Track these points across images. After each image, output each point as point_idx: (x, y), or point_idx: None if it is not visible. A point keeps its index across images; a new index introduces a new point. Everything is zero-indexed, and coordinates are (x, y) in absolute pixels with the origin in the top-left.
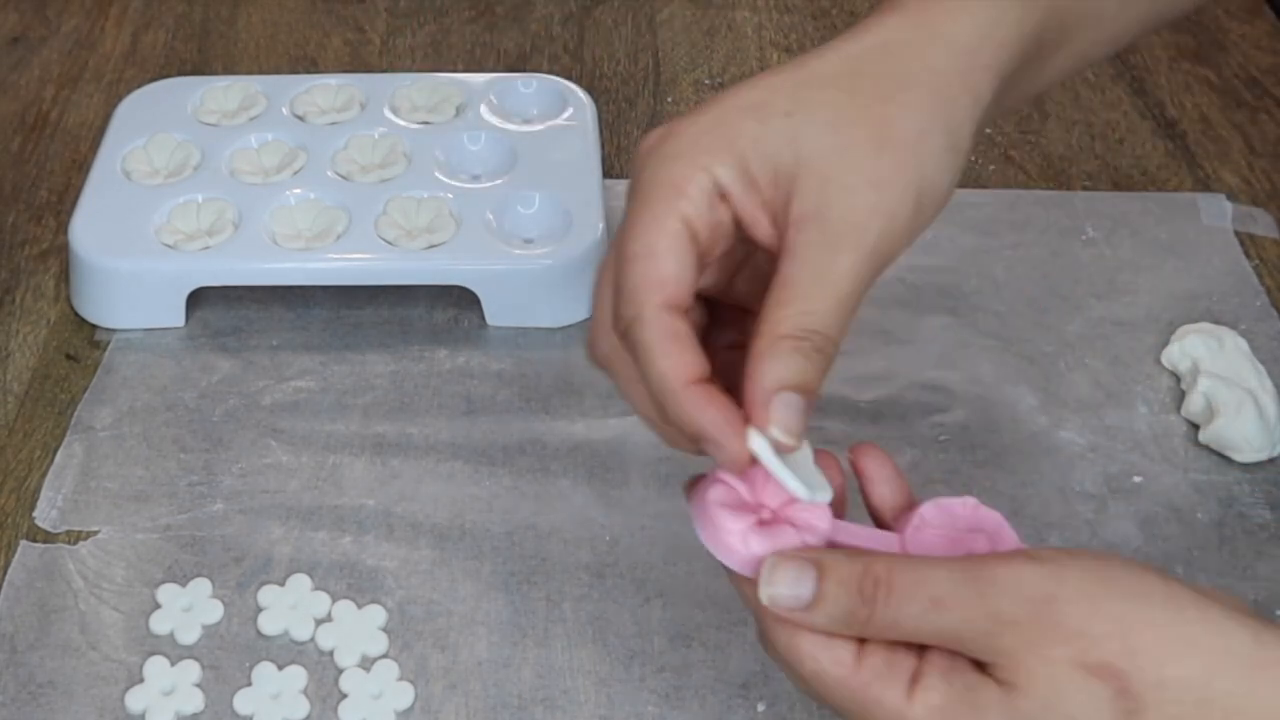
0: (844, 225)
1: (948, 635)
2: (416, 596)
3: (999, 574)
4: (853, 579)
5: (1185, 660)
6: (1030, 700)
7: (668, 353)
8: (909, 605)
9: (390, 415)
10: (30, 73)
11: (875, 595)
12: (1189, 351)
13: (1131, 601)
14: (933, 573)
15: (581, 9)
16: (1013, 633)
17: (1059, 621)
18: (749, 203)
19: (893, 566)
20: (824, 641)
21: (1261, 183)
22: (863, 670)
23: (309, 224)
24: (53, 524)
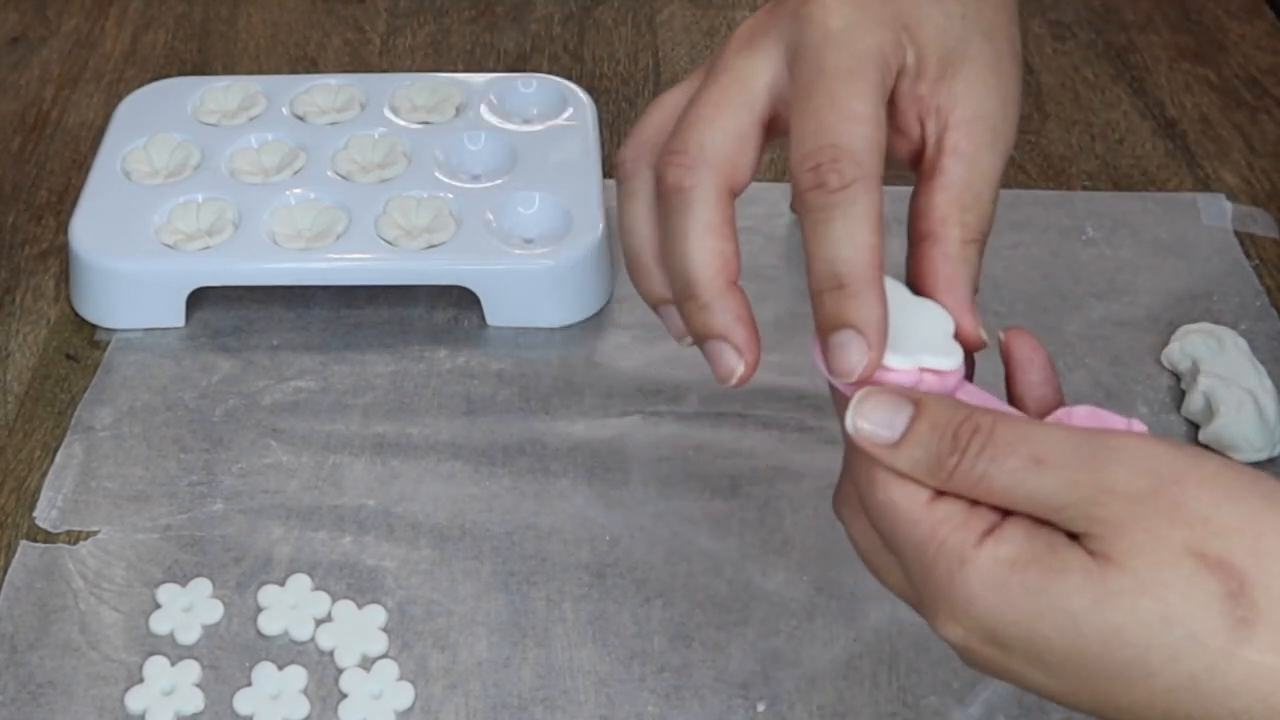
0: (1001, 132)
1: (1043, 500)
2: (416, 596)
3: (1127, 445)
4: (950, 423)
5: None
6: (1123, 576)
7: (877, 230)
8: (1006, 459)
9: (390, 415)
10: (30, 73)
11: (970, 443)
12: (1189, 351)
13: (1275, 507)
14: (1043, 432)
15: (581, 9)
16: (1122, 503)
17: (1182, 502)
18: (910, 91)
19: (999, 420)
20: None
21: (1261, 183)
22: (936, 509)
23: (309, 224)
24: (53, 524)
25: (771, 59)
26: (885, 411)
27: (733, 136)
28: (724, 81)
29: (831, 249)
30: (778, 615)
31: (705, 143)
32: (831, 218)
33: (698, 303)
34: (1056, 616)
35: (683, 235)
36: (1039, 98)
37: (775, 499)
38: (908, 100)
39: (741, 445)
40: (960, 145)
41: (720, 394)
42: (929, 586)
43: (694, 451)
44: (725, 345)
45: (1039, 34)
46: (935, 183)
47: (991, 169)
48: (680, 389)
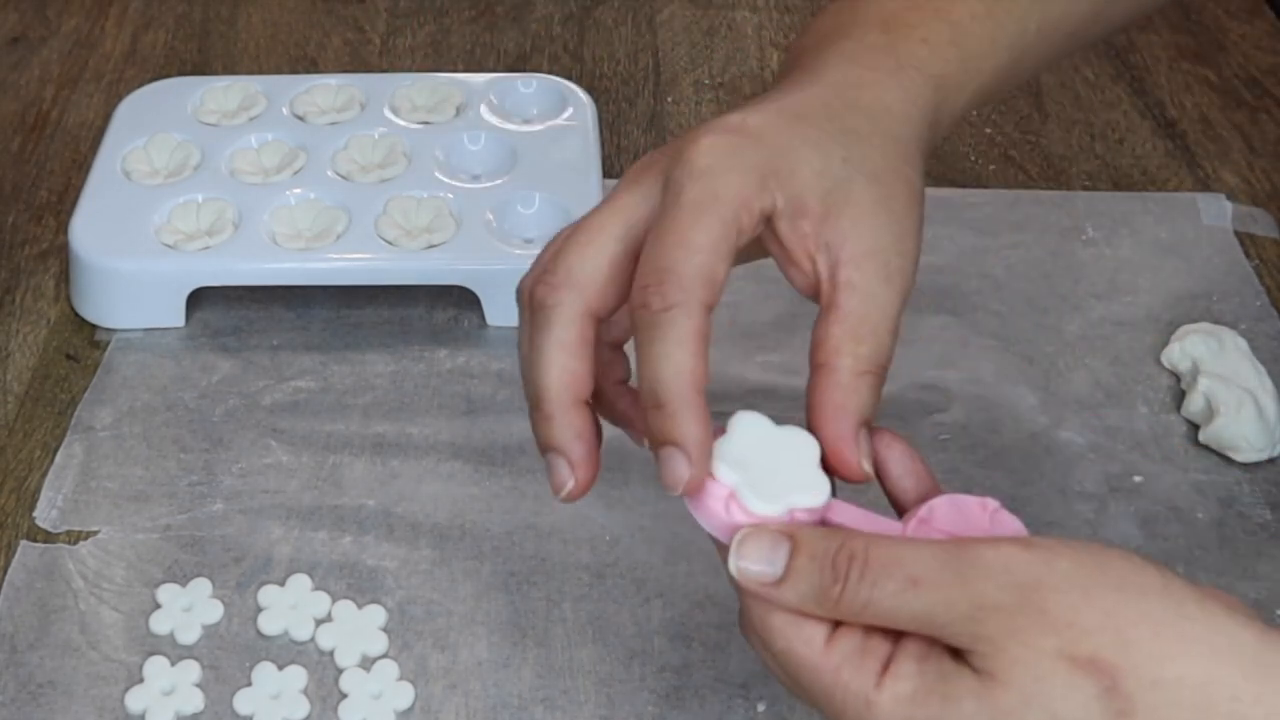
0: (895, 267)
1: (925, 618)
2: (416, 596)
3: (985, 556)
4: (826, 555)
5: (1184, 660)
6: (1009, 693)
7: (696, 352)
8: (885, 583)
9: (390, 415)
10: (30, 73)
11: (849, 571)
12: (1189, 351)
13: (1127, 594)
14: (913, 552)
15: (581, 9)
16: (995, 619)
17: (1046, 609)
18: (793, 230)
19: (871, 544)
20: (796, 620)
21: (1261, 183)
22: (833, 653)
23: (309, 224)
24: (53, 524)
25: (649, 194)
26: (765, 550)
27: (601, 263)
28: (603, 212)
29: (651, 369)
30: None
31: (574, 266)
32: (652, 338)
33: (542, 414)
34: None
35: (539, 349)
36: (1039, 98)
37: None
38: (794, 239)
39: None
40: (853, 279)
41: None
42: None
43: None
44: (560, 459)
45: None
46: (830, 316)
47: (888, 303)
48: None
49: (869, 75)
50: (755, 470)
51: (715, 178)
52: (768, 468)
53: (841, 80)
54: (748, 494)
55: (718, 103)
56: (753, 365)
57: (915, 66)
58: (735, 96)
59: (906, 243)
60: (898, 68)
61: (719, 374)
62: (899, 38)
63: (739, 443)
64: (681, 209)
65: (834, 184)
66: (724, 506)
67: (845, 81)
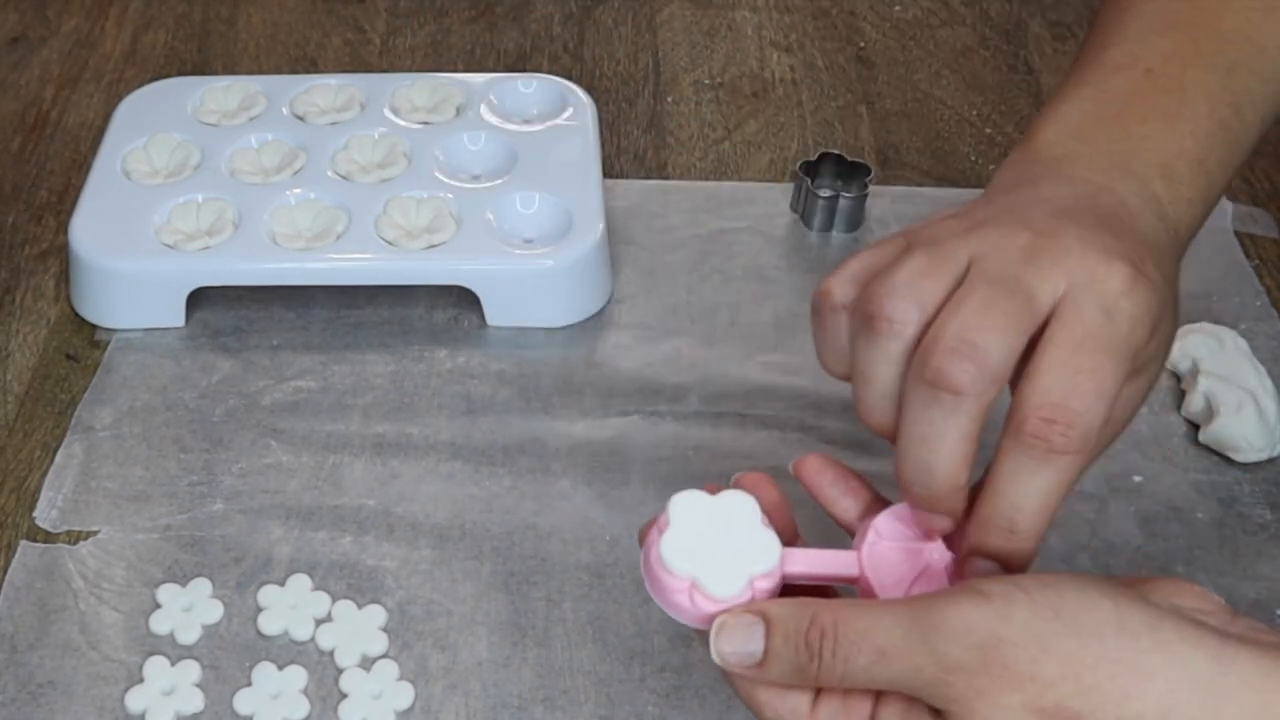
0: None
1: (899, 685)
2: (416, 596)
3: (945, 617)
4: (798, 633)
5: (1143, 695)
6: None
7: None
8: (856, 658)
9: (390, 415)
10: (30, 73)
11: (821, 649)
12: (1189, 351)
13: (1082, 636)
14: (878, 621)
15: (581, 9)
16: (962, 680)
17: (1007, 665)
18: None
19: (838, 617)
20: (780, 692)
21: (1261, 183)
22: (818, 718)
23: (309, 224)
24: (53, 524)
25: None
26: (741, 638)
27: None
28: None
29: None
30: None
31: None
32: (1035, 474)
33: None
34: None
35: (946, 435)
36: (1039, 98)
37: None
38: None
39: (741, 445)
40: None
41: (720, 394)
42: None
43: (694, 451)
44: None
45: (1039, 34)
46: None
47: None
48: (680, 389)
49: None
50: (707, 553)
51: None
52: (718, 547)
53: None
54: (708, 582)
55: (718, 103)
56: (753, 365)
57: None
58: (735, 96)
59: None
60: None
61: (719, 374)
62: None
63: (683, 530)
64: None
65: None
66: (689, 599)
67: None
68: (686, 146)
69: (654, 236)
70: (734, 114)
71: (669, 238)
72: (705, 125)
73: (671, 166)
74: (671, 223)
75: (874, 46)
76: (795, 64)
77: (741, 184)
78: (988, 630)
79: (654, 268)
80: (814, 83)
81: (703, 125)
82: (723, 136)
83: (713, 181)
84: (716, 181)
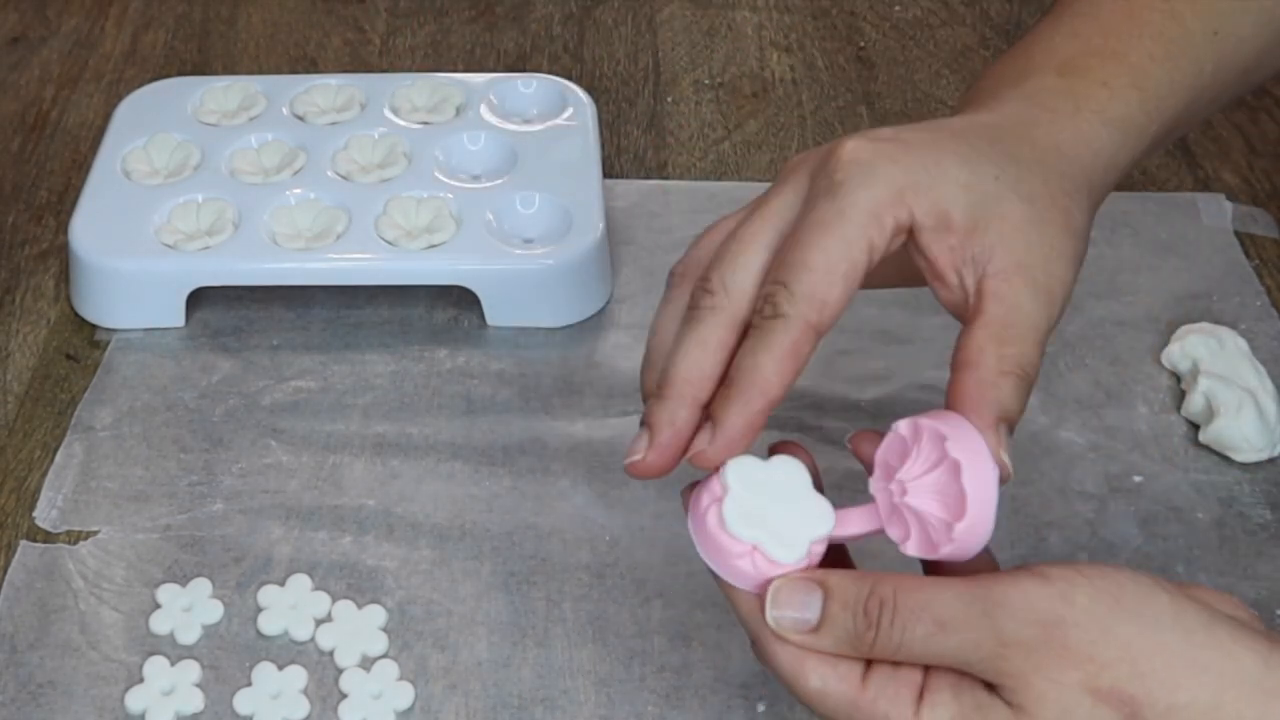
0: (1043, 285)
1: (954, 658)
2: (416, 596)
3: (1007, 595)
4: (858, 602)
5: (1194, 686)
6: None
7: (780, 364)
8: (914, 628)
9: (390, 415)
10: (30, 73)
11: (880, 618)
12: (1189, 351)
13: (1141, 624)
14: (939, 594)
15: (581, 9)
16: (1021, 655)
17: (1067, 644)
18: (937, 243)
19: (898, 587)
20: (830, 659)
21: (1261, 183)
22: (868, 688)
23: (309, 224)
24: (53, 524)
25: (795, 198)
26: (799, 603)
27: (752, 274)
28: (755, 220)
29: (738, 358)
30: None
31: (727, 277)
32: (753, 338)
33: (660, 394)
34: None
35: (681, 340)
36: None
37: None
38: (939, 253)
39: None
40: (999, 291)
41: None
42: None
43: None
44: (645, 433)
45: None
46: (975, 323)
47: (1035, 315)
48: None
49: (1044, 115)
50: (767, 518)
51: (846, 193)
52: (775, 510)
53: (1015, 114)
54: (771, 546)
55: (717, 103)
56: None
57: (1094, 110)
58: (735, 96)
59: (1056, 266)
60: (1075, 110)
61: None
62: (1077, 81)
63: (741, 495)
64: (808, 227)
65: (982, 198)
66: (750, 563)
67: (1018, 115)
68: (686, 146)
69: (654, 236)
70: (734, 114)
71: (669, 238)
72: (705, 125)
73: (671, 166)
74: (671, 223)
75: (874, 46)
76: (795, 64)
77: (741, 184)
78: (1050, 609)
79: (654, 268)
80: (814, 83)
81: (703, 125)
82: (723, 136)
83: (713, 181)
84: (716, 181)
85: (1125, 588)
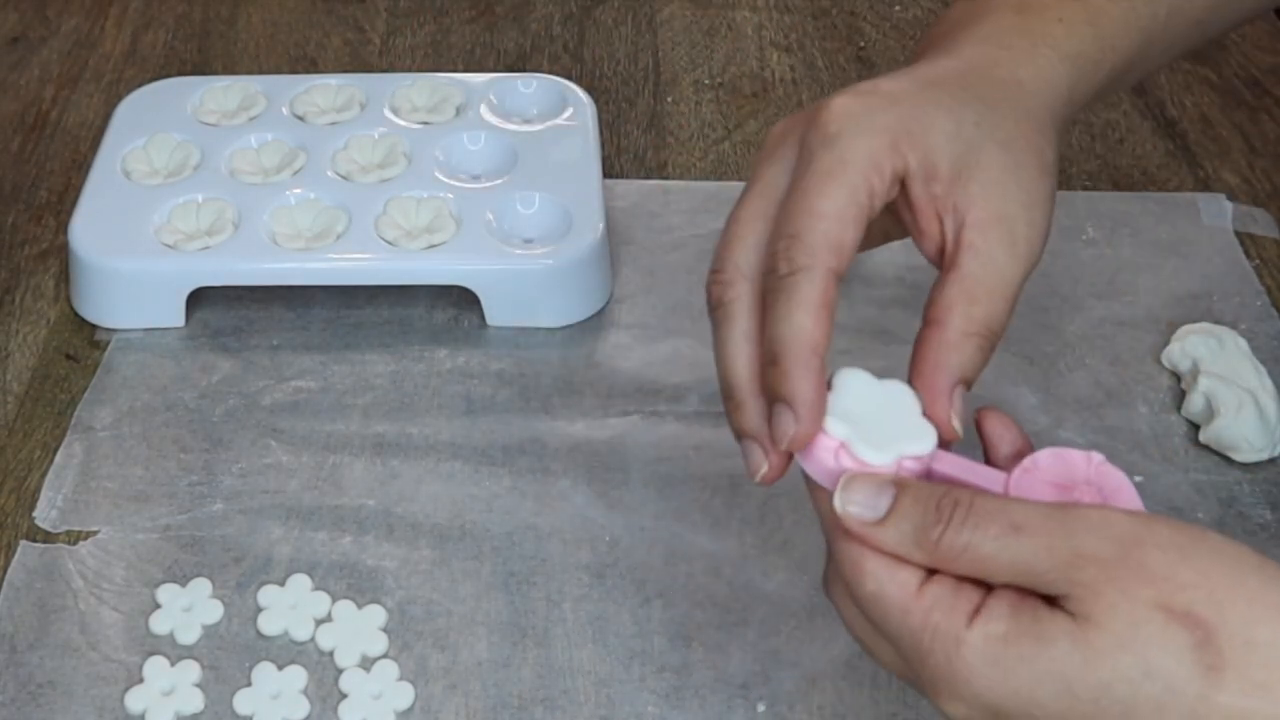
0: (1021, 235)
1: (1024, 565)
2: (416, 596)
3: (1088, 514)
4: (931, 498)
5: (1273, 625)
6: (1104, 635)
7: (817, 316)
8: (987, 527)
9: (390, 415)
10: (30, 73)
11: (952, 514)
12: (1189, 351)
13: (1223, 561)
14: (1018, 504)
15: (581, 9)
16: (1095, 567)
17: (1145, 563)
18: (924, 191)
19: (975, 494)
20: (890, 562)
21: (1261, 183)
22: (924, 596)
23: (309, 224)
24: (53, 524)
25: (787, 165)
26: (869, 493)
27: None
28: (749, 197)
29: (772, 330)
30: (778, 615)
31: (737, 260)
32: (776, 301)
33: (733, 402)
34: (1051, 681)
35: (721, 344)
36: None
37: (775, 499)
38: (923, 201)
39: None
40: (975, 242)
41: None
42: (928, 669)
43: (694, 451)
44: (753, 444)
45: None
46: (948, 276)
47: (1008, 269)
48: (680, 389)
49: (1003, 53)
50: (863, 422)
51: (845, 143)
52: (875, 420)
53: (975, 56)
54: (859, 444)
55: (718, 103)
56: None
57: (1050, 45)
58: (735, 96)
59: (1034, 212)
60: (1032, 46)
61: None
62: (1034, 19)
63: (845, 396)
64: (811, 177)
65: (965, 148)
66: (834, 457)
67: (979, 57)
68: (686, 146)
69: (654, 236)
70: (734, 114)
71: (669, 238)
72: (705, 125)
73: (671, 166)
74: (671, 223)
75: (874, 46)
76: (795, 64)
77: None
78: (1130, 530)
79: (654, 268)
80: (814, 83)
81: (703, 125)
82: (723, 136)
83: (713, 181)
84: (716, 181)
85: (1208, 534)
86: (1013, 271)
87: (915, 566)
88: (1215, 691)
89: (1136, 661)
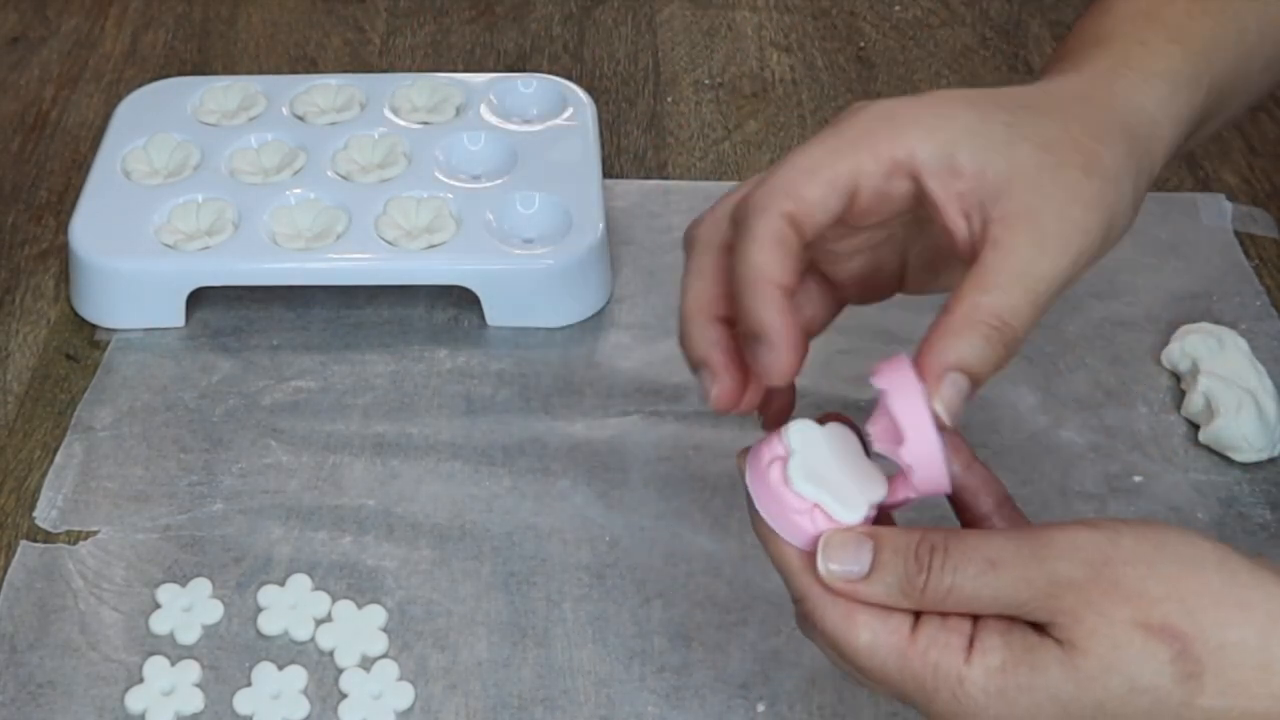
0: (1052, 231)
1: (1005, 597)
2: (416, 596)
3: (1054, 539)
4: (909, 546)
5: (1243, 624)
6: (1090, 659)
7: (771, 251)
8: (966, 567)
9: (390, 415)
10: (30, 73)
11: (931, 560)
12: (1189, 351)
13: (1186, 566)
14: (988, 539)
15: (581, 9)
16: (1072, 593)
17: (1117, 582)
18: (943, 187)
19: (949, 535)
20: (880, 613)
21: (1261, 183)
22: (919, 639)
23: (309, 224)
24: (53, 524)
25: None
26: (850, 552)
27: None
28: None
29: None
30: (778, 615)
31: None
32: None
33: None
34: (1050, 706)
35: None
36: None
37: None
38: (946, 197)
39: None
40: (998, 238)
41: None
42: (936, 706)
43: (694, 451)
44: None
45: (1039, 34)
46: (971, 269)
47: (1034, 263)
48: (680, 389)
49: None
50: (828, 478)
51: (846, 120)
52: (835, 471)
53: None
54: (833, 506)
55: (717, 103)
56: None
57: (1131, 66)
58: (735, 96)
59: (1072, 209)
60: (1110, 69)
61: None
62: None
63: (803, 456)
64: (803, 144)
65: (990, 143)
66: (810, 520)
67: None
68: (686, 146)
69: (654, 236)
70: (734, 114)
71: (669, 238)
72: (705, 125)
73: (671, 166)
74: (671, 223)
75: (874, 46)
76: (795, 64)
77: None
78: (1097, 550)
79: (654, 268)
80: (814, 83)
81: (703, 125)
82: (723, 136)
83: (713, 181)
84: (716, 181)
85: (1168, 536)
86: (1039, 267)
87: (903, 612)
88: (1196, 696)
89: (1124, 680)
